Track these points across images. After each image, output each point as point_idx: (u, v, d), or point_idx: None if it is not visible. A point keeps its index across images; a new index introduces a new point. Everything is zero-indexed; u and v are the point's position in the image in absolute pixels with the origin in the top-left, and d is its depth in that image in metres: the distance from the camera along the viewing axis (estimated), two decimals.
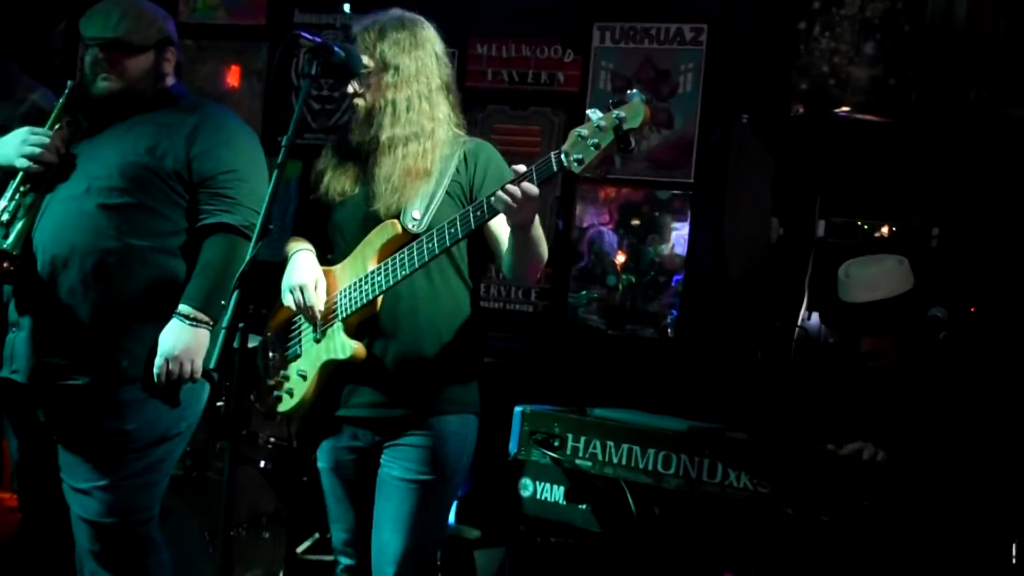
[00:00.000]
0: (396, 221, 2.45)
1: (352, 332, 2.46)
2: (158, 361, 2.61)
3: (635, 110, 2.16)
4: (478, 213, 2.29)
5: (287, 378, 2.57)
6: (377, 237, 2.47)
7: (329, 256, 2.59)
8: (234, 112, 2.96)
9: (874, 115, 4.16)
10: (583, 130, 2.20)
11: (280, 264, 2.61)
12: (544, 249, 2.47)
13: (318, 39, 2.33)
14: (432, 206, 2.45)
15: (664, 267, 4.56)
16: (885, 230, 4.04)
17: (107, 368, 2.64)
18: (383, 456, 2.49)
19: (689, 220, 4.52)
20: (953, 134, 4.05)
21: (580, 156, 2.19)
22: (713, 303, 4.44)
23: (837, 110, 4.23)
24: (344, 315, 2.46)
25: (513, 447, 2.98)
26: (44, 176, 2.69)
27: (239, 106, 5.05)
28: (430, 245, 2.34)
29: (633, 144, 2.19)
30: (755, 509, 2.65)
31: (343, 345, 2.45)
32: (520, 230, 2.34)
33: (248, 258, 2.15)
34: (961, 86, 4.12)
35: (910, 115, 4.14)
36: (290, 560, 3.95)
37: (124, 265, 2.65)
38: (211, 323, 2.64)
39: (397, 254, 2.40)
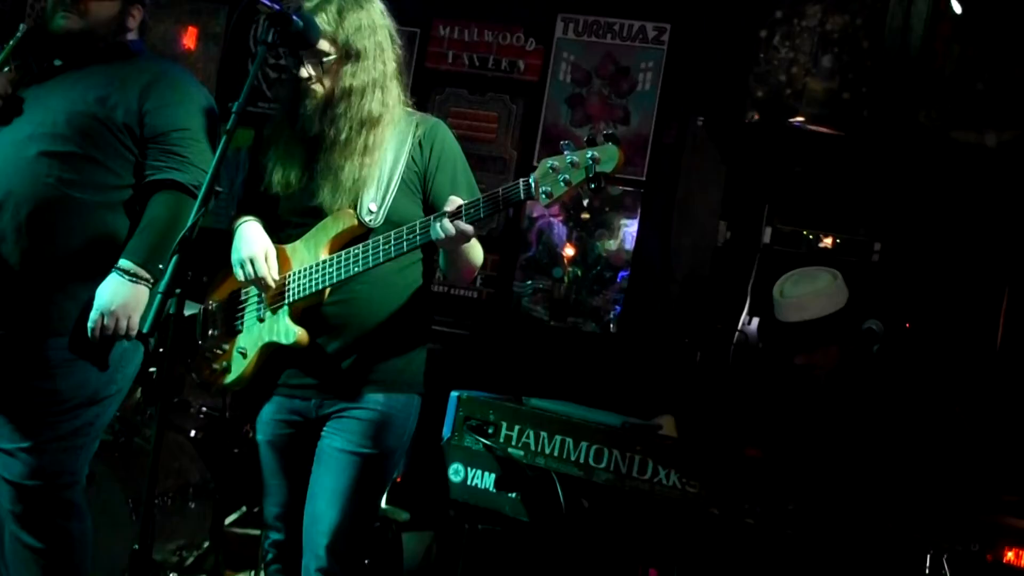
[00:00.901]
0: (352, 212, 2.41)
1: (297, 317, 2.44)
2: (93, 315, 2.53)
3: (609, 154, 2.16)
4: (423, 232, 2.29)
5: (226, 352, 2.53)
6: (332, 225, 2.42)
7: (280, 234, 2.53)
8: (192, 75, 2.90)
9: (827, 127, 4.23)
10: (555, 162, 2.19)
11: (223, 232, 2.56)
12: (477, 255, 2.47)
13: (277, 6, 2.29)
14: (388, 198, 2.42)
15: (611, 262, 4.59)
16: (829, 241, 4.10)
17: (32, 321, 2.57)
18: (325, 428, 2.47)
19: (638, 218, 4.56)
20: (901, 152, 4.13)
21: (549, 189, 2.19)
22: (657, 302, 4.48)
23: (791, 120, 4.28)
24: (291, 299, 2.43)
25: (447, 432, 2.98)
26: None
27: (194, 69, 4.97)
28: (387, 248, 2.32)
29: (603, 186, 2.19)
30: (682, 508, 2.68)
31: (287, 330, 2.43)
32: (450, 252, 2.37)
33: (190, 223, 2.10)
34: (912, 106, 4.21)
35: (861, 130, 4.22)
36: (216, 532, 3.91)
37: (62, 216, 2.57)
38: (151, 281, 2.57)
39: (352, 249, 2.37)
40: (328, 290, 2.41)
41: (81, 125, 2.59)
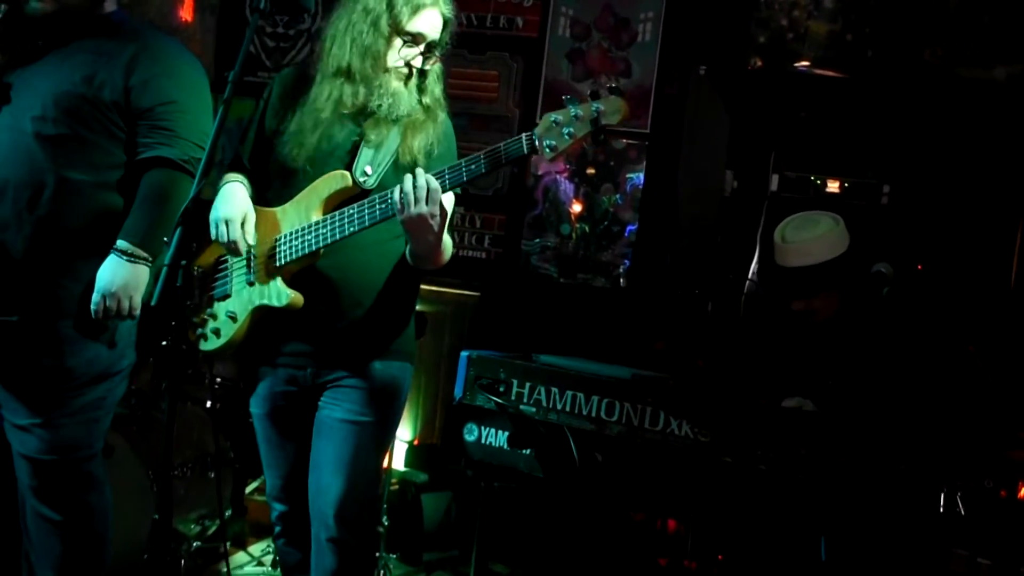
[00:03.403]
0: (347, 173, 2.40)
1: (289, 280, 2.42)
2: (95, 297, 2.55)
3: (614, 105, 2.17)
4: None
5: (214, 316, 2.51)
6: (325, 186, 2.40)
7: (267, 195, 2.51)
8: (181, 43, 2.87)
9: (831, 70, 4.17)
10: (558, 115, 2.19)
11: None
12: (445, 256, 2.44)
13: None
14: (384, 165, 2.41)
15: (618, 217, 4.57)
16: (837, 186, 4.07)
17: (41, 305, 2.59)
18: (323, 398, 2.48)
19: (644, 170, 4.53)
20: (908, 92, 4.07)
21: (553, 143, 2.19)
22: (665, 254, 4.47)
23: (794, 64, 4.23)
24: (283, 262, 2.41)
25: (459, 392, 2.99)
26: None
27: (191, 41, 4.94)
28: (383, 207, 2.30)
29: (605, 139, 2.21)
30: (695, 457, 2.69)
31: (279, 292, 2.41)
32: (410, 234, 2.31)
33: (192, 195, 2.10)
34: (917, 44, 4.14)
35: (866, 72, 4.16)
36: (236, 500, 3.96)
37: (60, 199, 2.57)
38: (150, 259, 2.58)
39: (347, 208, 2.35)
40: (321, 252, 2.39)
41: (70, 106, 2.57)
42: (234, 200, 2.44)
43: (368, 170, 2.40)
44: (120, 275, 2.55)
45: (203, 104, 2.69)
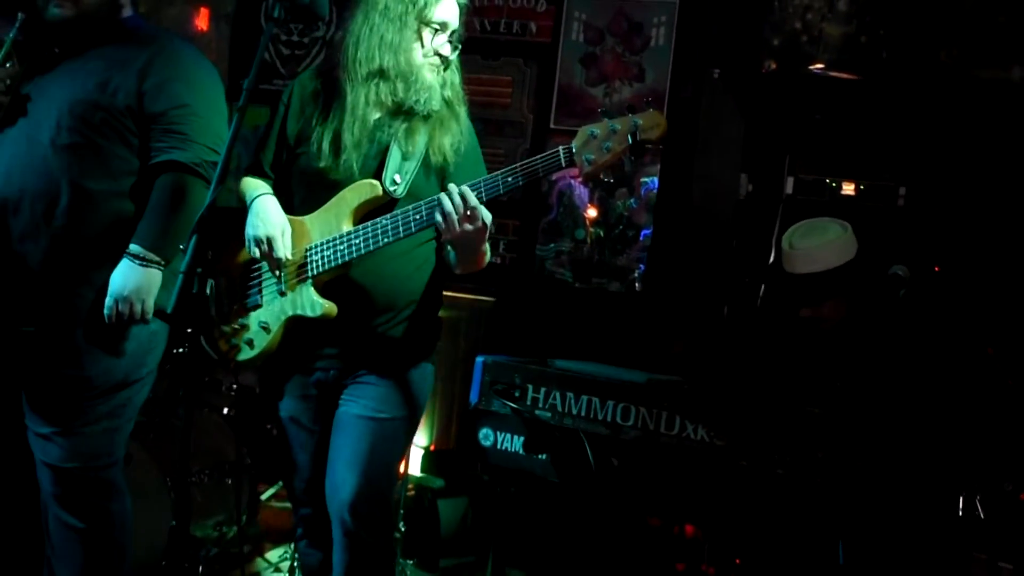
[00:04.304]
0: (376, 183, 2.40)
1: (320, 289, 2.43)
2: (108, 301, 2.55)
3: (653, 120, 2.16)
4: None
5: (245, 327, 2.51)
6: (354, 195, 2.40)
7: (293, 203, 2.51)
8: (197, 48, 2.88)
9: (845, 72, 4.16)
10: (595, 129, 2.18)
11: (235, 210, 2.55)
12: (487, 258, 2.44)
13: None
14: (411, 173, 2.42)
15: (633, 221, 4.57)
16: (852, 188, 4.05)
17: (59, 314, 2.60)
18: (343, 395, 2.49)
19: (659, 174, 4.52)
20: (923, 94, 4.05)
21: (592, 157, 2.18)
22: (681, 258, 4.46)
23: (809, 67, 4.22)
24: (315, 272, 2.41)
25: (474, 397, 2.99)
26: None
27: (207, 49, 4.97)
28: (417, 219, 2.31)
29: (644, 154, 2.20)
30: (712, 461, 2.68)
31: (313, 303, 2.42)
32: (458, 247, 2.34)
33: (208, 202, 2.10)
34: (932, 45, 4.12)
35: (881, 73, 4.14)
36: (253, 507, 3.97)
37: (76, 208, 2.58)
38: (162, 263, 2.59)
39: (380, 220, 2.35)
40: (353, 262, 2.40)
41: (85, 114, 2.58)
42: (270, 215, 2.44)
43: (397, 178, 2.41)
44: (132, 279, 2.56)
45: (217, 108, 2.70)
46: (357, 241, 2.36)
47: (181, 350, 3.26)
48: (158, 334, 2.73)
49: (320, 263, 2.41)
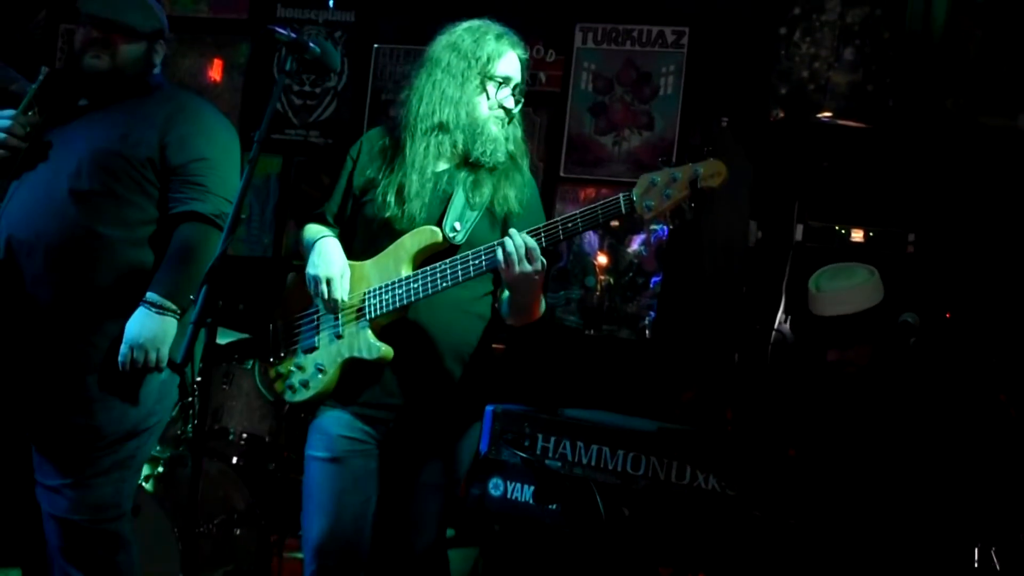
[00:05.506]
0: (437, 229, 2.40)
1: (378, 332, 2.43)
2: (123, 348, 2.57)
3: (714, 168, 2.17)
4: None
5: (301, 368, 2.50)
6: (413, 241, 2.41)
7: (352, 247, 2.53)
8: (212, 103, 2.94)
9: (853, 120, 4.19)
10: (656, 177, 2.20)
11: (258, 259, 2.58)
12: (541, 309, 2.47)
13: (292, 35, 2.32)
14: (472, 221, 2.44)
15: (643, 268, 4.58)
16: (861, 235, 4.06)
17: (70, 362, 2.62)
18: (408, 458, 2.47)
19: None
20: (930, 141, 4.07)
21: (652, 203, 2.20)
22: (691, 306, 4.46)
23: (816, 115, 4.25)
24: (372, 315, 2.41)
25: (484, 446, 2.98)
26: (12, 162, 2.67)
27: (220, 100, 5.04)
28: (476, 263, 2.32)
29: (704, 202, 2.20)
30: (723, 511, 2.66)
31: (371, 346, 2.41)
32: (515, 290, 2.36)
33: (218, 252, 2.13)
34: (938, 93, 4.15)
35: (888, 121, 4.17)
36: (263, 557, 3.94)
37: (91, 254, 2.61)
38: (178, 312, 2.61)
39: (438, 264, 2.35)
40: (409, 307, 2.40)
41: (105, 163, 2.63)
42: (332, 257, 2.46)
43: (457, 226, 2.42)
44: (148, 327, 2.58)
45: (233, 162, 2.75)
46: (415, 285, 2.37)
47: (190, 399, 3.26)
48: (167, 383, 2.73)
49: (378, 306, 2.41)
